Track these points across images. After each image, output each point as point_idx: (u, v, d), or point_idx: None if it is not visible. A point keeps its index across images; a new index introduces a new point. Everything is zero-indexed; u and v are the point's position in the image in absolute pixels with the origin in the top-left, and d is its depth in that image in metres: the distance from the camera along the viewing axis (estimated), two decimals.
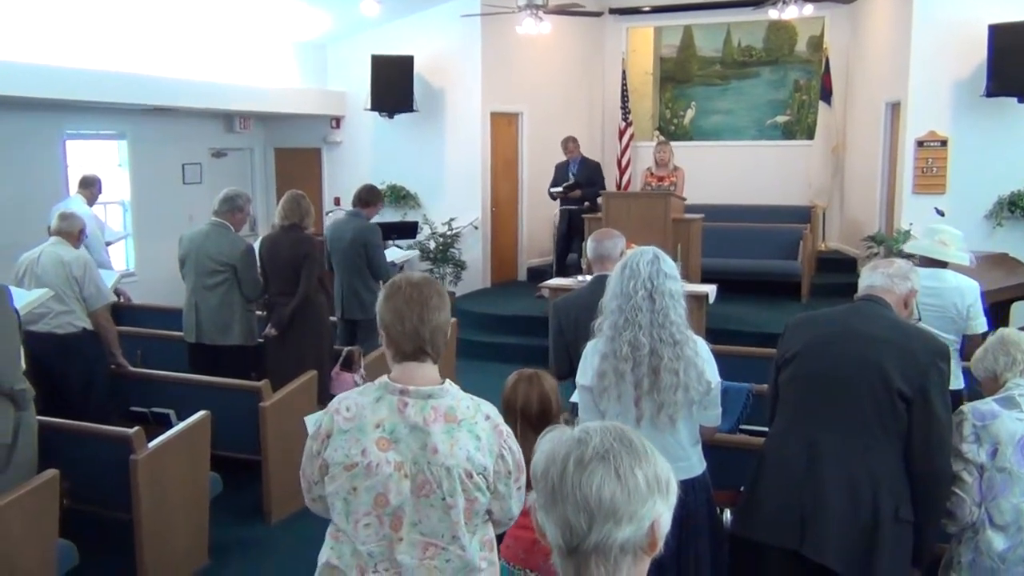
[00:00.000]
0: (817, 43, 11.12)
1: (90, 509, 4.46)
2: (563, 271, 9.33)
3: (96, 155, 9.25)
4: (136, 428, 4.23)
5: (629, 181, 11.35)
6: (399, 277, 2.32)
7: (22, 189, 7.97)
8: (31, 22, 7.63)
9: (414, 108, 10.24)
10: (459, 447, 2.16)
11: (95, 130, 9.21)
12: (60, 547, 3.89)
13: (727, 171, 11.24)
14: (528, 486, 2.86)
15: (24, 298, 4.64)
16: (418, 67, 10.26)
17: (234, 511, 5.04)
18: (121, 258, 9.36)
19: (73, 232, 5.27)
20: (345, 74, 10.91)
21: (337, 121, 11.18)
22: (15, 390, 3.89)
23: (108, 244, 7.78)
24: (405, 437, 2.17)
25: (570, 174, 9.54)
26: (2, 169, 7.99)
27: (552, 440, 1.36)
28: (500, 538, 2.92)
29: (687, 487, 2.93)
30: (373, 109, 10.29)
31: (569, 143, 9.63)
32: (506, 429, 2.26)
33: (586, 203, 9.38)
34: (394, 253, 7.81)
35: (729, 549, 3.12)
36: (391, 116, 10.42)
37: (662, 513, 1.32)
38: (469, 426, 2.19)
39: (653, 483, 1.31)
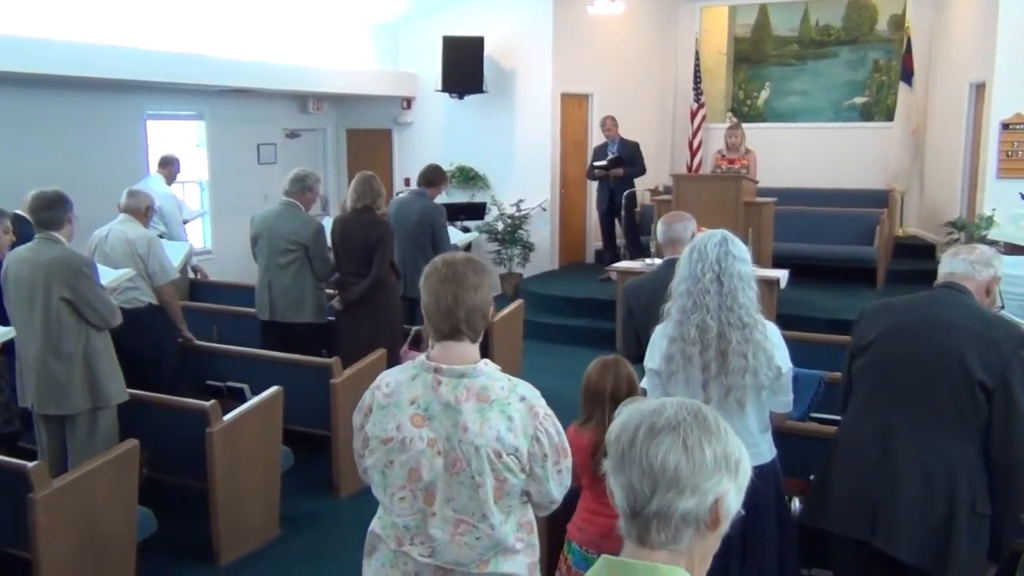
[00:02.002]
0: (899, 22, 10.77)
1: (168, 478, 4.63)
2: (626, 254, 9.26)
3: (175, 135, 9.50)
4: (212, 402, 4.36)
5: (700, 164, 11.19)
6: (437, 258, 2.32)
7: (105, 168, 8.23)
8: (115, 5, 7.85)
9: (484, 89, 10.25)
10: (489, 427, 2.16)
11: (175, 111, 9.45)
12: (140, 514, 4.04)
13: (802, 154, 10.99)
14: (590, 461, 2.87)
15: (108, 275, 4.80)
16: (488, 48, 10.26)
17: (304, 484, 5.15)
18: (198, 236, 9.61)
19: (140, 209, 5.39)
20: (416, 55, 10.97)
21: (408, 102, 11.26)
22: None
23: (185, 223, 7.99)
24: (438, 415, 2.19)
25: (609, 153, 9.48)
26: (86, 148, 8.27)
27: (630, 409, 1.40)
28: (561, 520, 2.94)
29: (756, 474, 2.88)
30: (443, 90, 10.33)
31: (607, 122, 9.54)
32: (544, 411, 2.24)
33: (626, 185, 9.28)
34: (456, 236, 7.83)
35: (798, 538, 3.09)
36: (461, 97, 10.46)
37: (728, 491, 1.33)
38: (501, 406, 2.19)
39: (721, 460, 1.33)
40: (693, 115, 11.37)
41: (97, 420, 4.31)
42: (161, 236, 6.33)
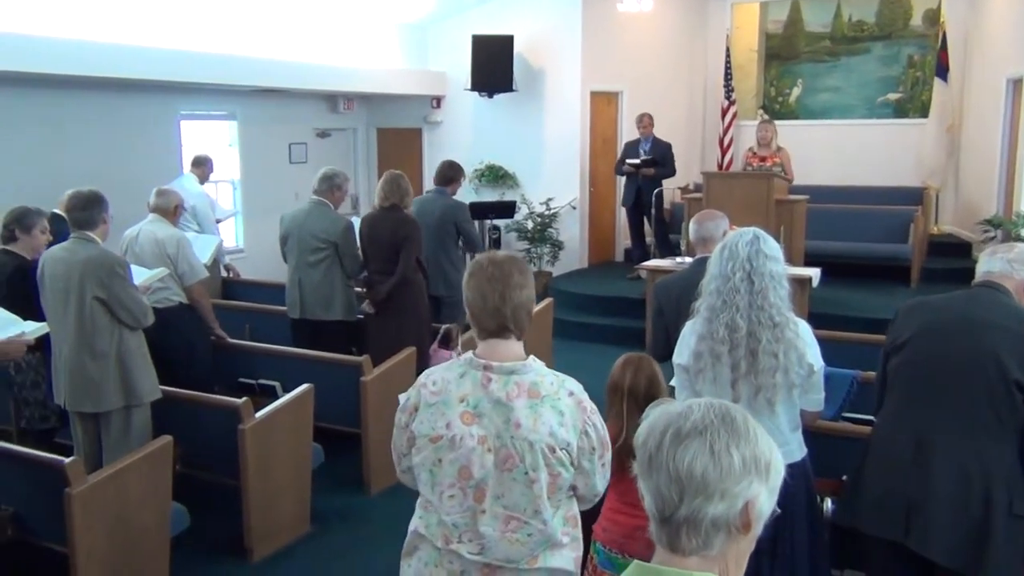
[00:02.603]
0: (933, 17, 10.62)
1: (201, 474, 4.68)
2: (656, 253, 9.22)
3: (208, 135, 9.60)
4: (244, 399, 4.41)
5: (731, 161, 11.11)
6: (482, 255, 2.34)
7: (139, 167, 8.33)
8: (149, 7, 7.94)
9: (514, 88, 10.26)
10: (542, 422, 2.17)
11: (207, 111, 9.56)
12: (173, 509, 4.09)
13: (834, 151, 10.88)
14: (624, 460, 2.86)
15: (142, 275, 4.86)
16: (518, 46, 10.26)
17: (335, 481, 5.18)
18: (230, 235, 9.71)
19: (168, 208, 5.43)
20: (446, 54, 11.00)
21: (437, 101, 11.29)
22: None
23: (218, 222, 8.07)
24: (489, 412, 2.20)
25: (642, 151, 9.42)
26: (121, 148, 8.38)
27: (657, 412, 1.38)
28: (590, 517, 2.94)
29: (785, 472, 2.87)
30: (473, 89, 10.35)
31: (645, 119, 9.48)
32: (590, 405, 2.26)
33: (656, 184, 9.24)
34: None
35: (829, 539, 3.06)
36: (491, 96, 10.47)
37: (759, 494, 1.31)
38: (552, 402, 2.20)
39: (750, 463, 1.30)
40: (724, 112, 11.29)
41: (131, 417, 4.37)
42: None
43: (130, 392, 4.31)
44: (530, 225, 10.37)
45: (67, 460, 3.62)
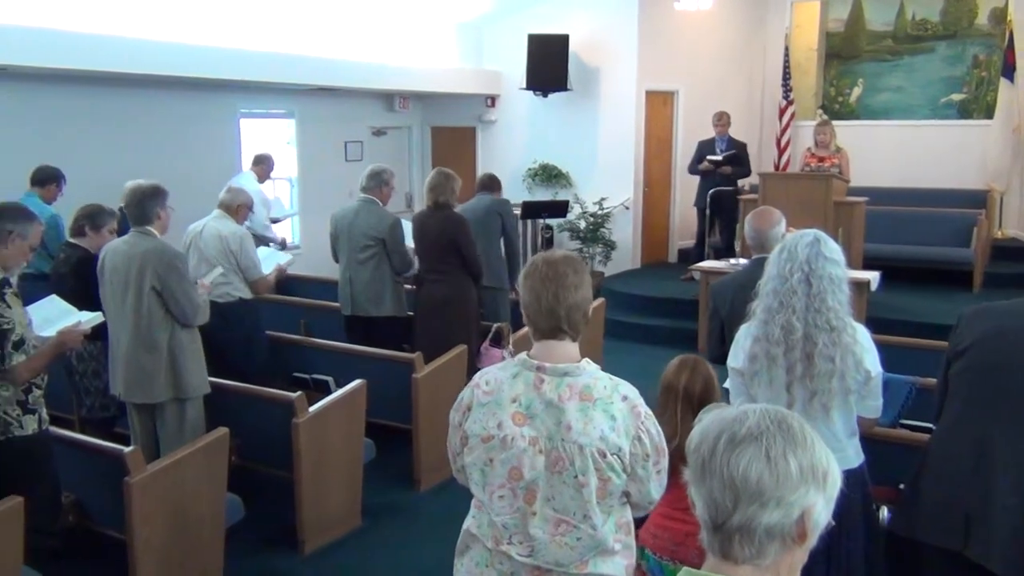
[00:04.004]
0: (1000, 15, 10.32)
1: (255, 466, 4.76)
2: (710, 253, 9.12)
3: (267, 133, 9.75)
4: (298, 393, 4.46)
5: (788, 162, 10.95)
6: (537, 255, 2.32)
7: (200, 165, 8.51)
8: (211, 7, 8.10)
9: (568, 87, 10.24)
10: (593, 426, 2.14)
11: (267, 109, 9.71)
12: (228, 500, 4.16)
13: (895, 152, 10.64)
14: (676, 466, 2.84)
15: (207, 278, 4.97)
16: (573, 46, 10.24)
17: (385, 477, 5.23)
18: (287, 231, 9.85)
19: (232, 206, 5.53)
20: (501, 53, 11.02)
21: (492, 100, 11.31)
22: None
23: (275, 222, 8.18)
24: (540, 413, 2.18)
25: (718, 150, 9.30)
26: (183, 145, 8.56)
27: (711, 417, 1.35)
28: (640, 523, 2.91)
29: (841, 480, 2.82)
30: (528, 88, 10.35)
31: (723, 117, 9.37)
32: (645, 411, 2.22)
33: (739, 184, 9.13)
34: None
35: (886, 548, 2.99)
36: (545, 95, 10.46)
37: (815, 503, 1.28)
38: (604, 405, 2.17)
39: (807, 471, 1.27)
40: (782, 112, 11.14)
41: (185, 410, 4.45)
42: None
43: (179, 385, 4.39)
44: (583, 225, 10.34)
45: (127, 449, 3.71)
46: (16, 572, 3.29)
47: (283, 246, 8.26)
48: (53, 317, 3.92)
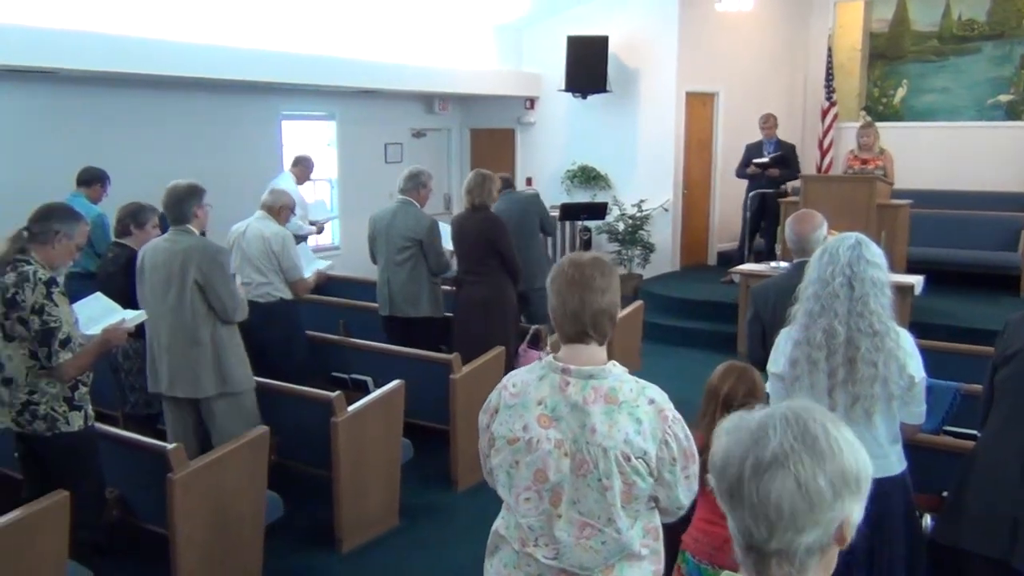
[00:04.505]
0: None
1: (294, 465, 4.80)
2: (750, 256, 9.03)
3: (308, 135, 9.85)
4: (337, 393, 4.50)
5: (831, 164, 10.81)
6: (565, 257, 2.29)
7: (243, 166, 8.63)
8: (254, 11, 8.20)
9: (608, 88, 10.21)
10: (617, 429, 2.12)
11: (308, 111, 9.80)
12: (268, 498, 4.21)
13: (941, 154, 10.47)
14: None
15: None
16: (613, 47, 10.21)
17: (423, 477, 5.25)
18: (327, 232, 9.94)
19: (275, 207, 5.60)
20: (540, 55, 11.02)
21: (531, 102, 11.32)
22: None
23: (313, 223, 8.25)
24: (566, 416, 2.16)
25: (765, 153, 9.20)
26: (226, 147, 8.68)
27: (730, 433, 1.29)
28: (681, 526, 2.90)
29: (883, 486, 2.78)
30: (567, 90, 10.34)
31: (769, 119, 9.28)
32: (673, 415, 2.18)
33: (781, 187, 9.03)
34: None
35: (928, 556, 2.95)
36: (584, 97, 10.45)
37: (852, 511, 1.24)
38: (630, 409, 2.14)
39: (840, 485, 1.22)
40: (824, 114, 11.01)
41: (240, 404, 4.49)
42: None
43: (225, 380, 4.44)
44: (621, 227, 10.30)
45: (170, 446, 3.76)
46: (61, 566, 3.36)
47: (320, 231, 8.37)
48: (98, 315, 3.99)
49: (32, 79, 7.04)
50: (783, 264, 7.79)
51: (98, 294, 4.22)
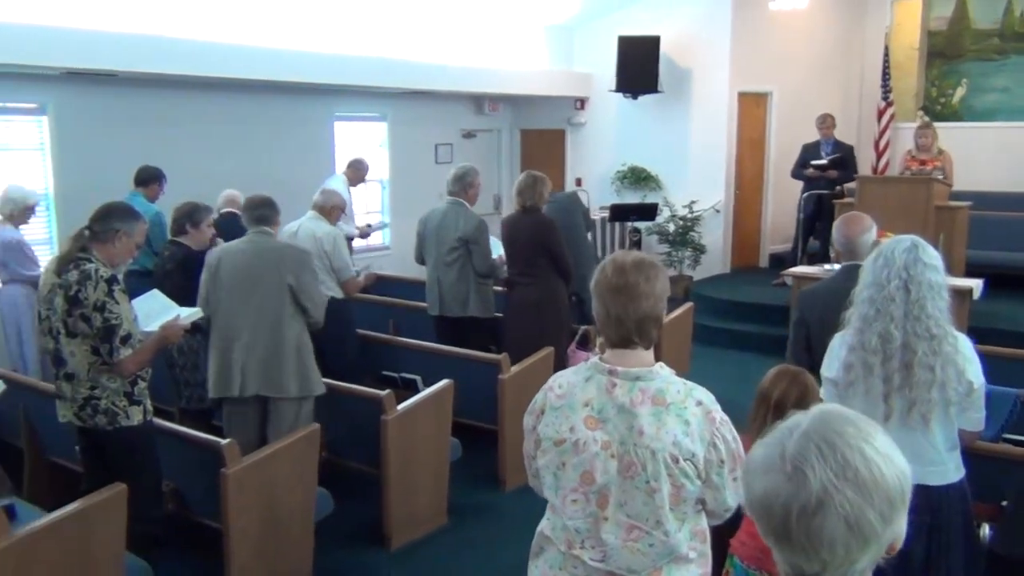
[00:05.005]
0: None
1: (344, 462, 4.86)
2: (805, 259, 8.90)
3: (360, 135, 9.95)
4: (387, 391, 4.54)
5: (887, 165, 10.61)
6: (607, 259, 2.26)
7: (296, 166, 8.75)
8: (308, 13, 8.31)
9: (659, 89, 10.15)
10: (666, 431, 2.10)
11: (360, 112, 9.90)
12: (318, 494, 4.26)
13: (1001, 154, 10.20)
14: None
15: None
16: (664, 47, 10.15)
17: (471, 476, 5.27)
18: (377, 232, 10.04)
19: (326, 207, 5.68)
20: (591, 56, 11.00)
21: (582, 103, 11.30)
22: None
23: (364, 237, 8.31)
24: (613, 417, 2.15)
25: (823, 154, 9.06)
26: (280, 147, 8.82)
27: (766, 473, 1.22)
28: (724, 531, 2.87)
29: (940, 494, 2.73)
30: (618, 90, 10.30)
31: (827, 119, 9.12)
32: (720, 416, 2.15)
33: (836, 188, 8.89)
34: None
35: (986, 567, 2.88)
36: (635, 97, 10.40)
37: (901, 526, 1.21)
38: (678, 410, 2.12)
39: (888, 511, 1.18)
40: (880, 114, 10.80)
41: (302, 408, 4.53)
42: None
43: (305, 383, 4.49)
44: (672, 228, 10.23)
45: (224, 442, 3.83)
46: (119, 558, 3.44)
47: (365, 236, 8.46)
48: (155, 312, 4.07)
49: (94, 81, 7.22)
50: (836, 267, 7.67)
51: (155, 291, 4.31)
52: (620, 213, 9.71)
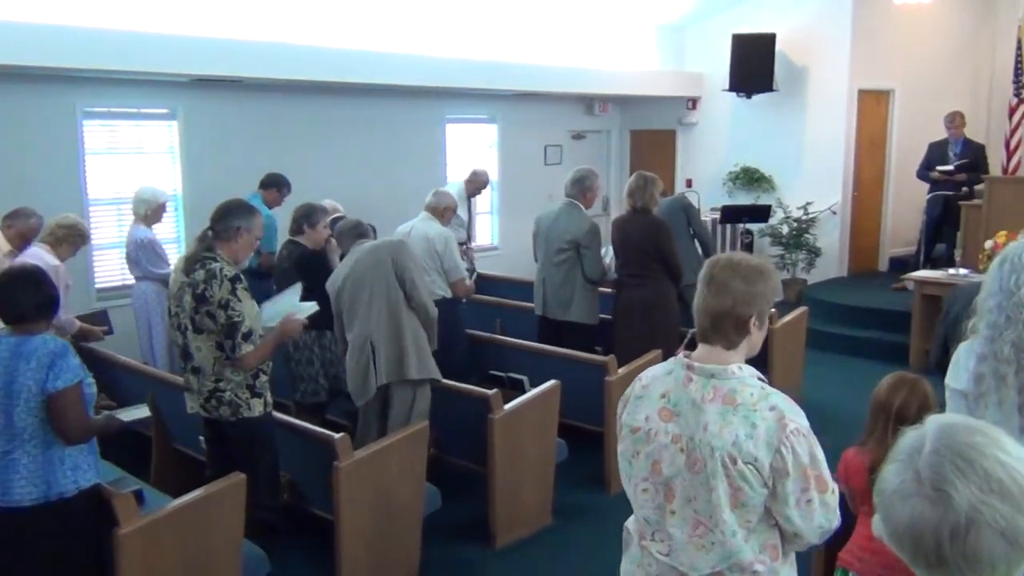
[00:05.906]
0: None
1: (451, 459, 4.93)
2: (930, 263, 8.52)
3: (471, 138, 10.08)
4: (494, 390, 4.59)
5: (1019, 165, 10.06)
6: (713, 258, 2.26)
7: (408, 167, 8.94)
8: (421, 19, 8.48)
9: (774, 88, 9.91)
10: (729, 430, 2.06)
11: (471, 114, 10.03)
12: (427, 490, 4.34)
13: None
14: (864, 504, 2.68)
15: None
16: (780, 44, 9.89)
17: (576, 477, 5.26)
18: (486, 233, 10.15)
19: (439, 208, 5.78)
20: (703, 55, 10.83)
21: (693, 102, 11.13)
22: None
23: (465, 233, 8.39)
24: (686, 411, 2.14)
25: (951, 154, 8.65)
26: (394, 150, 9.01)
27: (900, 492, 1.19)
28: (843, 541, 2.77)
29: None
30: (731, 89, 10.11)
31: (956, 118, 8.69)
32: (796, 426, 2.05)
33: (964, 189, 8.49)
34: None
35: None
36: (749, 96, 10.18)
37: None
38: (747, 412, 2.06)
39: None
40: (1012, 111, 10.23)
41: (420, 392, 4.67)
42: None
43: (423, 367, 4.62)
44: (785, 230, 9.97)
45: (337, 435, 3.95)
46: (237, 543, 3.59)
47: (466, 242, 8.50)
48: (281, 309, 4.23)
49: (220, 87, 7.55)
50: (962, 271, 7.34)
51: (297, 286, 4.45)
52: (732, 215, 9.53)
